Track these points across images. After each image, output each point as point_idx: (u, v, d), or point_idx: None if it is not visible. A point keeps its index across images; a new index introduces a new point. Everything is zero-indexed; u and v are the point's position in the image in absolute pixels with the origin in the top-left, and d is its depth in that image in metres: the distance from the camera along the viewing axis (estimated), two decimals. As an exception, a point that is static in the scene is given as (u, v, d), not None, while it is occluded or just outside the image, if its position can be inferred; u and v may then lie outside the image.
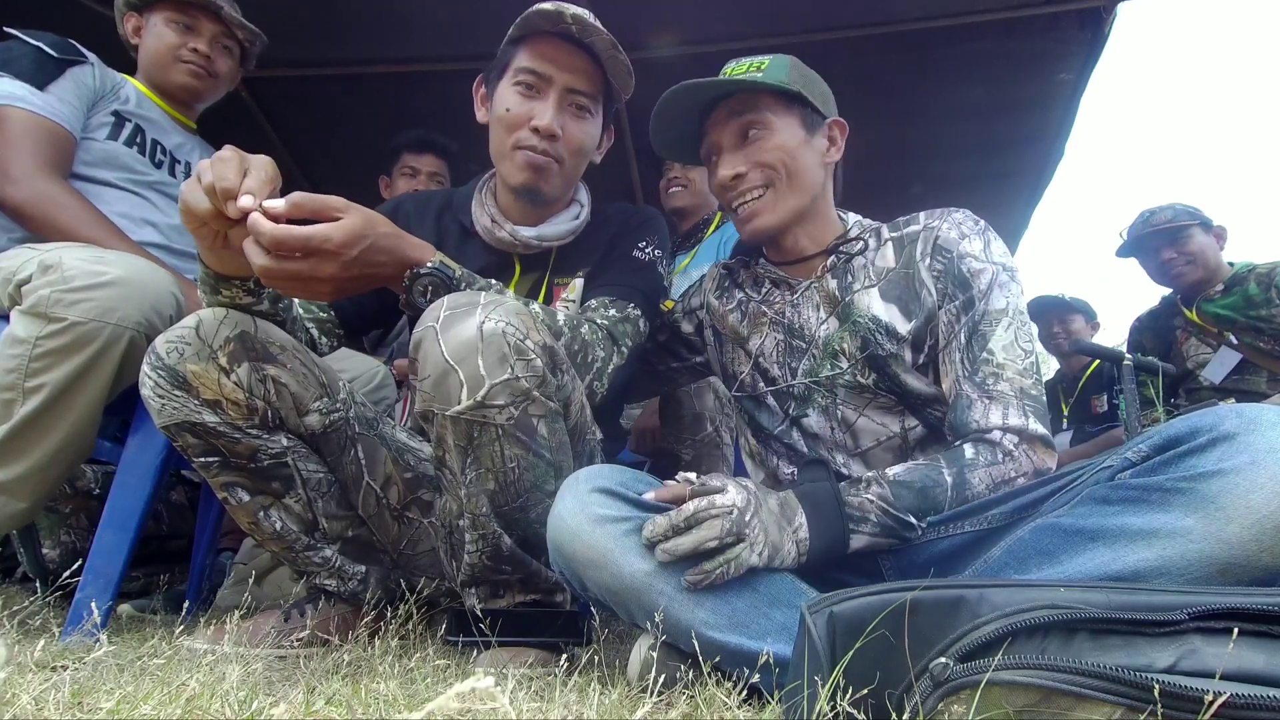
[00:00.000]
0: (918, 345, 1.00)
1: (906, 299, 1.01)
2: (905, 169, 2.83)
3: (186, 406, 0.98)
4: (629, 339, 1.14)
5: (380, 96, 2.61)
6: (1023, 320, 0.97)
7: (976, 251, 0.99)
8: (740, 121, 1.06)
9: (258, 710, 0.61)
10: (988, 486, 0.88)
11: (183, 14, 1.52)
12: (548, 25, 1.12)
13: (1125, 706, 0.48)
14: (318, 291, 0.90)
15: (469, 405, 0.89)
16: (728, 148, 1.07)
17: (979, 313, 0.96)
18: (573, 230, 1.23)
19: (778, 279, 1.13)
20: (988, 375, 0.93)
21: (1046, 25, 2.23)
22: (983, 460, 0.89)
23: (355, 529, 1.14)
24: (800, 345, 1.08)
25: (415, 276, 0.96)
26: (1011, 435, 0.90)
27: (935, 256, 1.00)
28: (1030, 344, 0.96)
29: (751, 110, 1.05)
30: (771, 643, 0.73)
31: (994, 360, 0.93)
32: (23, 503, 1.12)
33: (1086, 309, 3.14)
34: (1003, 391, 0.92)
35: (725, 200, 1.10)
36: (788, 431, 1.09)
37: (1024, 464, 0.89)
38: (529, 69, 1.13)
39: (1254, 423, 0.67)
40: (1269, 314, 2.28)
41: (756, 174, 1.05)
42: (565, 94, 1.14)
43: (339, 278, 0.89)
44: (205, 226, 0.87)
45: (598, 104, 1.19)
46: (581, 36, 1.12)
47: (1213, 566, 0.65)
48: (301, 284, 0.88)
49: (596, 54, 1.14)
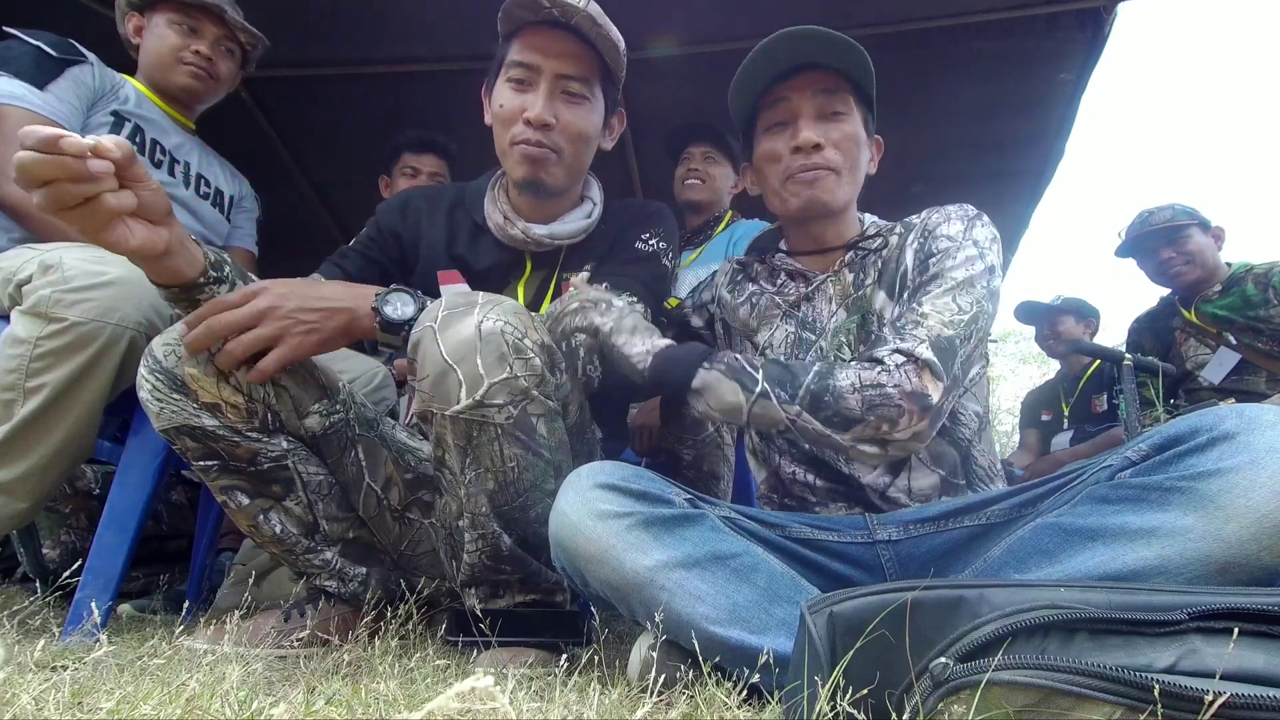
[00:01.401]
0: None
1: (898, 288, 1.02)
2: (905, 169, 2.82)
3: (185, 410, 0.98)
4: None
5: (380, 96, 2.61)
6: (976, 295, 0.93)
7: (953, 232, 1.00)
8: (830, 98, 1.04)
9: (258, 710, 0.61)
10: (853, 385, 0.86)
11: (186, 16, 1.53)
12: (529, 14, 1.11)
13: (1125, 706, 0.48)
14: (299, 343, 0.96)
15: (468, 405, 0.89)
16: (809, 116, 1.04)
17: (930, 275, 0.96)
18: (585, 229, 1.23)
19: (794, 271, 1.13)
20: (909, 322, 0.92)
21: (1046, 25, 2.23)
22: (856, 365, 0.88)
23: (356, 530, 1.14)
24: (810, 337, 1.08)
25: (383, 298, 1.00)
26: (897, 355, 0.87)
27: (918, 238, 1.02)
28: (971, 308, 0.92)
29: (839, 91, 1.05)
30: (772, 639, 0.73)
31: (919, 311, 0.93)
32: (23, 503, 1.12)
33: (1078, 309, 3.14)
34: (915, 334, 0.89)
35: (786, 165, 1.05)
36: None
37: (898, 378, 0.85)
38: (518, 62, 1.13)
39: (1254, 422, 0.67)
40: (1267, 314, 2.28)
41: (834, 151, 1.04)
42: (556, 81, 1.13)
43: (301, 321, 0.96)
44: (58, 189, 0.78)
45: (593, 87, 1.17)
46: (564, 19, 1.10)
47: (1212, 566, 0.65)
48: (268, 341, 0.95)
49: (584, 34, 1.13)
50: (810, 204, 1.05)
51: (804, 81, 1.04)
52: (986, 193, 2.88)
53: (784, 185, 1.06)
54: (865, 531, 0.95)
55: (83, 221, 0.81)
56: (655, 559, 0.78)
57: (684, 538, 0.80)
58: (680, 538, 0.80)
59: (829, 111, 1.04)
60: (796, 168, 1.04)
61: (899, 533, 0.93)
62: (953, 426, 1.01)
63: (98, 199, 0.80)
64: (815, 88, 1.04)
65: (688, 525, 0.82)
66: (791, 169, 1.05)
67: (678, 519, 0.82)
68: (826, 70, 1.04)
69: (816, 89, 1.04)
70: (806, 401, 0.87)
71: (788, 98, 1.05)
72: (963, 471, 1.00)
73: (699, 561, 0.79)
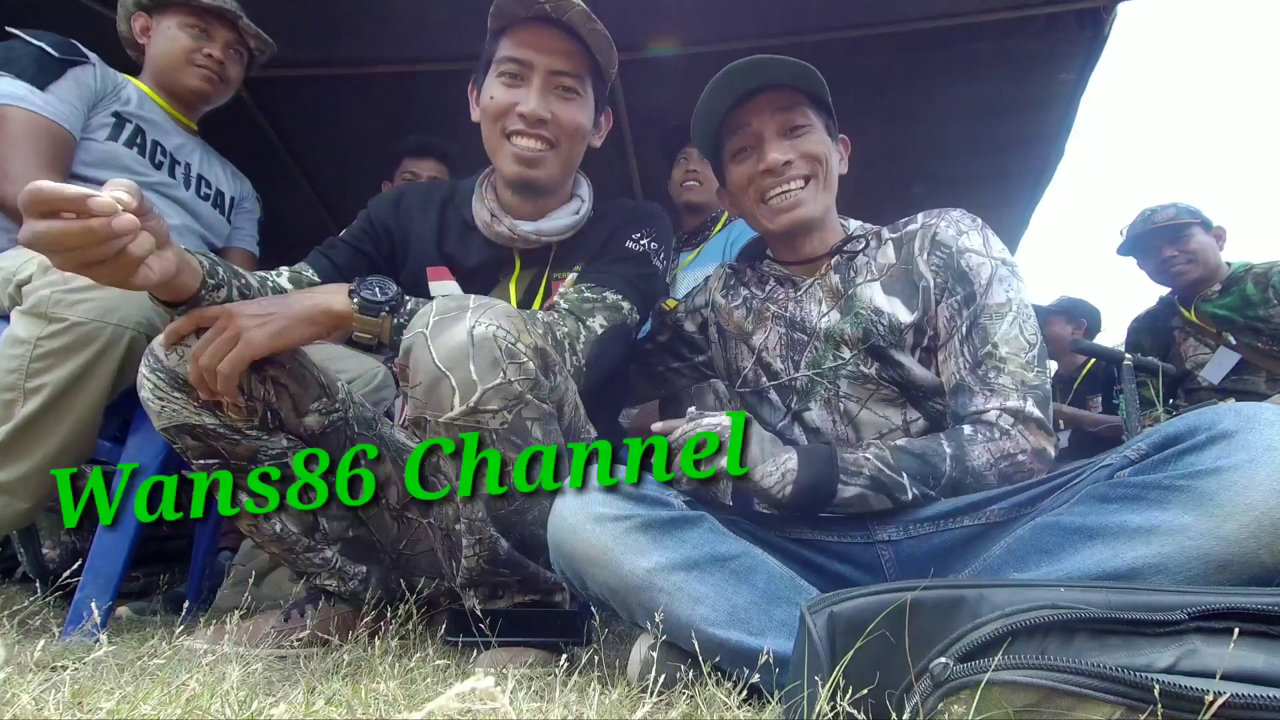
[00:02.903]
0: (919, 336, 1.01)
1: (908, 293, 1.02)
2: (905, 169, 2.83)
3: (186, 409, 0.98)
4: (601, 314, 1.11)
5: (381, 97, 2.60)
6: (1027, 314, 0.98)
7: (976, 246, 1.00)
8: (787, 115, 1.07)
9: (258, 710, 0.61)
10: (989, 461, 0.90)
11: (199, 19, 1.53)
12: (522, 10, 1.11)
13: (1125, 706, 0.48)
14: (252, 337, 0.94)
15: (462, 411, 0.89)
16: (772, 137, 1.07)
17: (979, 306, 0.97)
18: (573, 225, 1.22)
19: (782, 277, 1.14)
20: (990, 368, 0.94)
21: (1046, 25, 2.23)
22: (981, 436, 0.91)
23: (355, 529, 1.14)
24: (802, 339, 1.09)
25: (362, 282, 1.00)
26: (1007, 416, 0.91)
27: (934, 251, 1.02)
28: (1035, 336, 0.97)
29: (797, 106, 1.07)
30: (771, 640, 0.73)
31: (996, 354, 0.94)
32: (24, 503, 1.12)
33: (1071, 310, 3.13)
34: (1004, 384, 0.93)
35: (759, 188, 1.07)
36: (790, 427, 1.10)
37: (1021, 443, 0.91)
38: (510, 57, 1.12)
39: (1252, 421, 0.67)
40: (1267, 314, 2.28)
41: (803, 164, 1.06)
42: (549, 77, 1.13)
43: (256, 316, 0.94)
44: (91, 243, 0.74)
45: (584, 83, 1.17)
46: (556, 15, 1.10)
47: (1211, 564, 0.65)
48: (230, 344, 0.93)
49: (576, 31, 1.13)
50: (791, 225, 1.08)
51: (762, 103, 1.07)
52: (987, 193, 2.88)
53: (760, 209, 1.09)
54: (865, 531, 0.95)
55: (111, 274, 0.79)
56: (654, 561, 0.78)
57: (683, 539, 0.80)
58: (679, 540, 0.80)
59: (790, 128, 1.07)
60: (769, 188, 1.07)
61: (899, 533, 0.93)
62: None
63: (124, 251, 0.77)
64: (773, 107, 1.06)
65: (686, 527, 0.82)
66: (765, 191, 1.07)
67: (676, 521, 0.82)
68: (781, 89, 1.06)
69: (775, 108, 1.06)
70: (949, 489, 0.91)
71: (748, 122, 1.08)
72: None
73: (698, 563, 0.79)
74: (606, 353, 1.11)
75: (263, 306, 0.97)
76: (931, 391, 1.00)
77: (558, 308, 1.10)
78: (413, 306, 1.00)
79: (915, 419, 1.01)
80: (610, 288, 1.14)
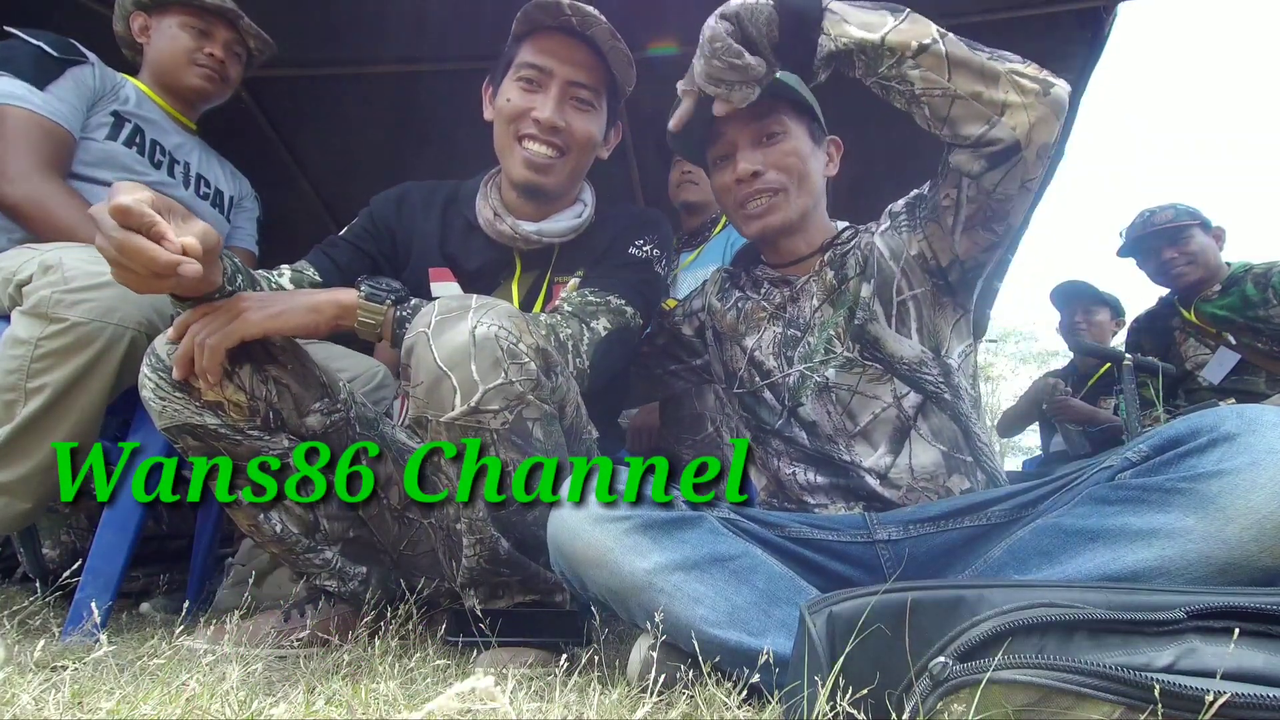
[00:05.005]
0: (884, 298, 1.05)
1: (877, 272, 1.06)
2: (905, 169, 2.82)
3: (188, 409, 0.98)
4: (605, 317, 1.12)
5: (381, 96, 2.61)
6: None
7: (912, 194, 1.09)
8: (763, 123, 1.08)
9: (258, 710, 0.61)
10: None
11: (200, 19, 1.53)
12: (548, 19, 1.12)
13: (1125, 706, 0.48)
14: (248, 319, 0.94)
15: (463, 411, 0.89)
16: (746, 146, 1.09)
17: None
18: (575, 228, 1.23)
19: (776, 279, 1.16)
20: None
21: (1046, 25, 2.23)
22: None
23: (356, 530, 1.14)
24: (796, 335, 1.10)
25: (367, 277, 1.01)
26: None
27: (883, 225, 1.10)
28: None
29: (773, 113, 1.08)
30: (771, 640, 0.73)
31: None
32: (25, 503, 1.12)
33: (1116, 304, 3.09)
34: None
35: (735, 197, 1.11)
36: (788, 425, 1.10)
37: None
38: (530, 63, 1.14)
39: (1254, 423, 0.67)
40: (1267, 314, 2.28)
41: (774, 175, 1.08)
42: (567, 87, 1.15)
43: (257, 301, 0.96)
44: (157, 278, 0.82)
45: (600, 97, 1.19)
46: (582, 28, 1.12)
47: (1212, 567, 0.65)
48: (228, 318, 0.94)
49: (598, 46, 1.15)
50: (764, 231, 1.11)
51: (739, 112, 1.06)
52: (987, 193, 2.87)
53: (737, 214, 1.13)
54: (865, 531, 0.95)
55: (147, 289, 0.86)
56: (654, 562, 0.78)
57: (682, 540, 0.80)
58: (679, 540, 0.80)
59: (764, 135, 1.09)
60: (743, 197, 1.10)
61: (899, 532, 0.93)
62: (954, 400, 1.03)
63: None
64: (748, 115, 1.07)
65: (686, 527, 0.82)
66: (740, 198, 1.11)
67: (676, 521, 0.82)
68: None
69: (749, 116, 1.07)
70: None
71: (724, 131, 1.10)
72: (966, 447, 1.02)
73: (698, 564, 0.79)
74: (610, 355, 1.12)
75: (267, 295, 0.98)
76: (914, 364, 1.02)
77: (561, 310, 1.10)
78: (416, 303, 1.00)
79: (905, 393, 1.03)
80: (614, 292, 1.15)
